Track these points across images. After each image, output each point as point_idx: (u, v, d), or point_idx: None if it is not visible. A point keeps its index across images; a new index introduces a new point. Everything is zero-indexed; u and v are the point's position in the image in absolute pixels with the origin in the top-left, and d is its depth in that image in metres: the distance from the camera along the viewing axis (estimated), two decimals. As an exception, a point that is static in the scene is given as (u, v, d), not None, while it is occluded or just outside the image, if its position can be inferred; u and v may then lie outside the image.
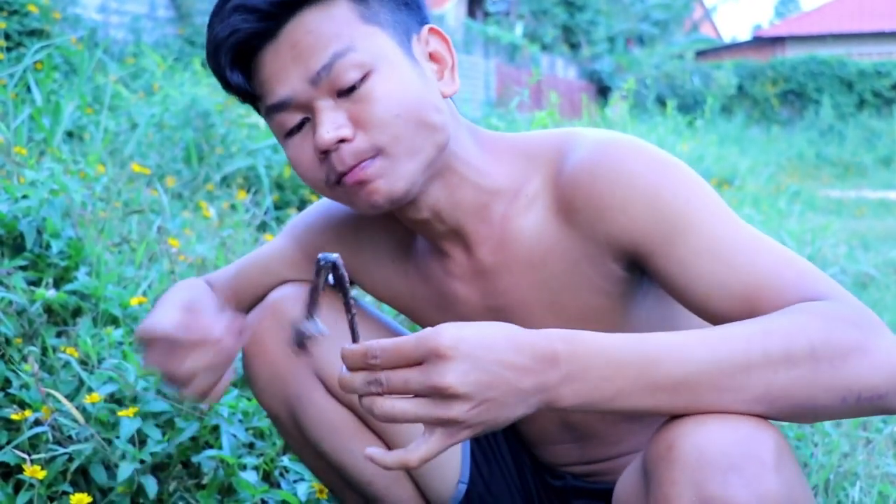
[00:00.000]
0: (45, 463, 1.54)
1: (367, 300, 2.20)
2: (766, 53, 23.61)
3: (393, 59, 1.07)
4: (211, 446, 1.72)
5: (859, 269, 4.51)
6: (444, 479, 1.37)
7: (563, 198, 1.13)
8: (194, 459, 1.66)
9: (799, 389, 0.89)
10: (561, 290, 1.16)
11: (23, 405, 1.66)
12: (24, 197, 2.10)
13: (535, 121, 6.42)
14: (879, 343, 0.91)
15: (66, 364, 1.78)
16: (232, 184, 3.90)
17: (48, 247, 2.06)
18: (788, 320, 0.92)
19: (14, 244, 2.07)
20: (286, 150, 1.12)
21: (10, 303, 1.87)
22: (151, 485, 1.55)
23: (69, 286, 1.95)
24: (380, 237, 1.30)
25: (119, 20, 7.42)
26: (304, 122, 1.09)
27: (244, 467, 1.68)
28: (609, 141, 1.11)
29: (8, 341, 1.82)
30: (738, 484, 0.85)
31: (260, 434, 1.84)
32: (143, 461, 1.58)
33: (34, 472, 1.44)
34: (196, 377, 1.15)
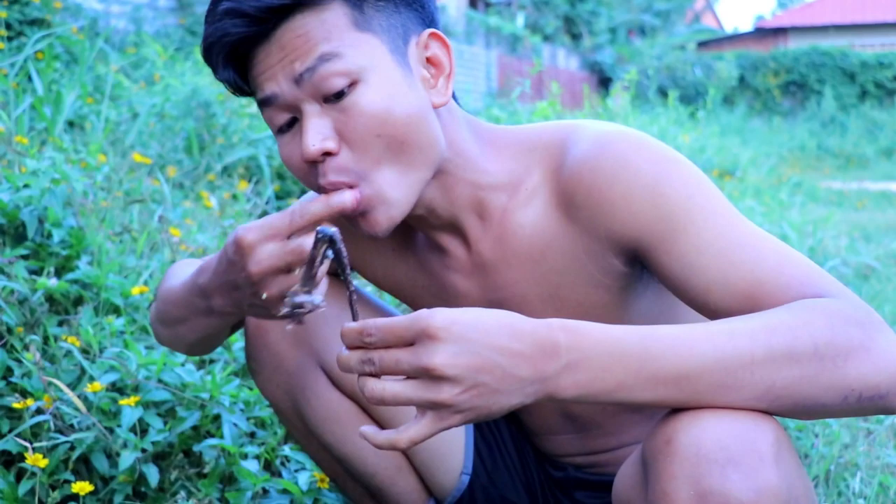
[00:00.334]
0: (47, 451, 1.54)
1: (369, 290, 2.20)
2: (768, 44, 23.58)
3: (382, 69, 1.05)
4: (212, 435, 1.73)
5: (860, 261, 4.51)
6: (447, 471, 1.37)
7: (564, 192, 1.12)
8: (196, 448, 1.66)
9: (801, 388, 0.89)
10: (561, 285, 1.15)
11: (24, 394, 1.66)
12: (26, 186, 2.10)
13: (537, 111, 6.41)
14: (882, 342, 0.91)
15: (68, 353, 1.78)
16: (233, 173, 3.90)
17: (49, 236, 2.06)
18: (792, 317, 0.92)
19: (15, 233, 2.07)
20: (278, 146, 1.11)
21: (12, 292, 1.87)
22: (153, 473, 1.55)
23: (70, 275, 1.96)
24: None
25: (120, 9, 7.41)
26: (294, 121, 1.08)
27: (245, 456, 1.68)
28: (610, 134, 1.09)
29: (10, 330, 1.82)
30: (736, 478, 0.84)
31: (261, 423, 1.84)
32: (144, 450, 1.58)
33: (36, 461, 1.44)
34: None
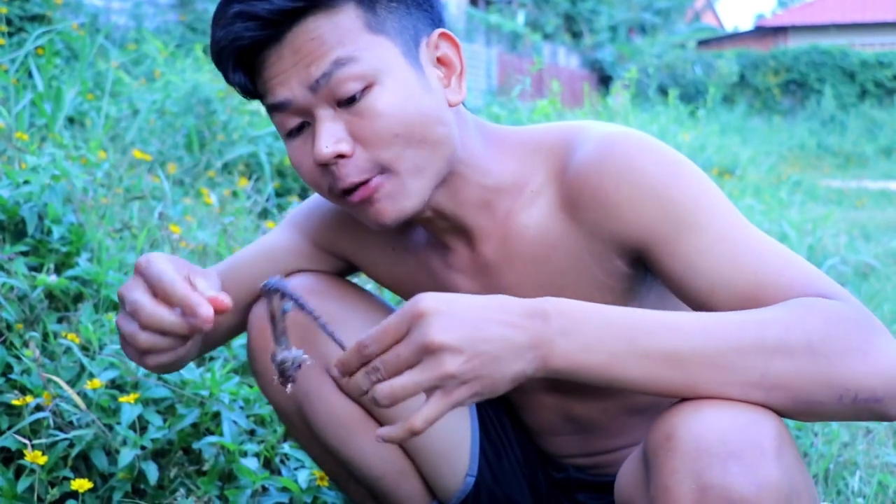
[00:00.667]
0: (46, 448, 1.54)
1: (371, 287, 2.20)
2: (768, 43, 23.57)
3: (397, 71, 1.05)
4: (212, 433, 1.73)
5: (860, 260, 4.51)
6: (452, 473, 1.37)
7: (569, 193, 1.12)
8: (195, 446, 1.66)
9: (795, 381, 0.89)
10: (564, 286, 1.16)
11: (24, 391, 1.66)
12: (26, 182, 2.10)
13: (537, 109, 6.41)
14: (879, 346, 0.91)
15: (68, 350, 1.78)
16: (233, 171, 3.90)
17: (49, 232, 2.05)
18: (787, 312, 0.92)
19: (15, 230, 2.07)
20: (287, 149, 1.11)
21: (12, 288, 1.87)
22: (152, 471, 1.55)
23: (70, 272, 1.95)
24: None
25: (120, 6, 7.40)
26: (305, 125, 1.08)
27: (245, 454, 1.68)
28: (615, 136, 1.10)
29: (9, 327, 1.82)
30: (737, 472, 0.85)
31: (261, 421, 1.84)
32: (143, 447, 1.58)
33: (35, 458, 1.44)
34: (160, 342, 1.02)
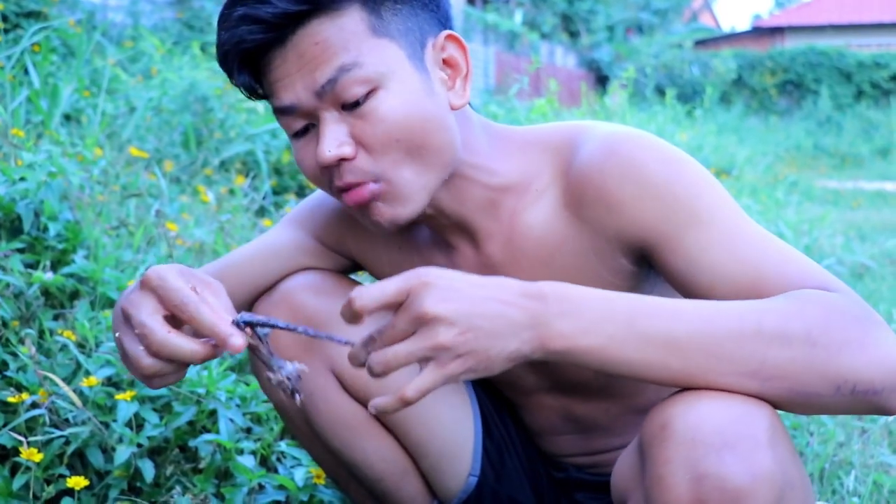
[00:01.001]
0: (42, 446, 1.54)
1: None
2: (765, 43, 23.58)
3: (401, 75, 1.05)
4: (208, 431, 1.73)
5: (855, 260, 4.52)
6: (454, 473, 1.37)
7: (573, 192, 1.13)
8: (191, 444, 1.66)
9: (792, 370, 0.89)
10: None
11: (20, 388, 1.66)
12: (22, 179, 2.10)
13: (535, 109, 6.41)
14: (879, 339, 0.91)
15: (64, 347, 1.78)
16: (230, 168, 3.89)
17: (46, 229, 2.05)
18: (786, 302, 0.93)
19: (11, 227, 2.06)
20: (293, 148, 1.12)
21: (8, 285, 1.86)
22: (148, 469, 1.55)
23: (67, 269, 1.95)
24: None
25: (117, 3, 7.39)
26: (310, 126, 1.09)
27: (241, 452, 1.68)
28: (619, 135, 1.11)
29: (5, 324, 1.82)
30: (732, 461, 0.85)
31: (257, 419, 1.84)
32: (140, 445, 1.58)
33: (31, 455, 1.44)
34: (167, 368, 0.99)
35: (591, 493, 1.39)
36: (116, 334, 1.02)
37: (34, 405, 1.59)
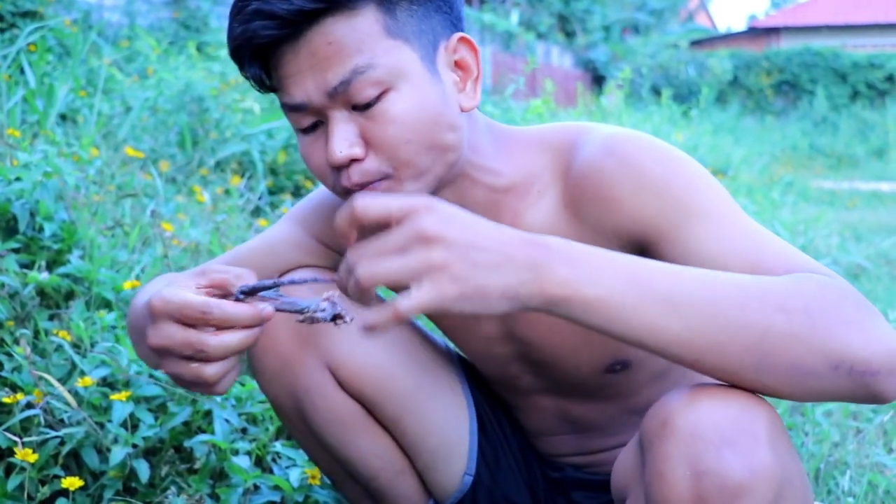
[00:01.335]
0: (37, 446, 1.54)
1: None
2: (760, 44, 23.61)
3: (413, 76, 1.05)
4: (203, 431, 1.72)
5: (851, 260, 4.53)
6: (450, 472, 1.37)
7: (573, 192, 1.14)
8: (187, 444, 1.65)
9: (792, 346, 0.87)
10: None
11: (15, 388, 1.65)
12: (17, 179, 2.10)
13: (531, 109, 6.41)
14: (877, 323, 0.91)
15: (59, 347, 1.78)
16: (226, 168, 3.89)
17: (41, 229, 2.05)
18: (788, 281, 0.92)
19: (7, 226, 2.06)
20: (299, 143, 1.12)
21: (3, 285, 1.86)
22: (143, 469, 1.54)
23: (62, 269, 1.95)
24: None
25: (114, 3, 7.38)
26: (318, 123, 1.08)
27: (237, 452, 1.68)
28: (619, 136, 1.12)
29: (0, 324, 1.81)
30: (731, 458, 0.85)
31: (252, 419, 1.84)
32: (135, 445, 1.58)
33: (25, 456, 1.44)
34: (228, 365, 0.98)
35: (588, 493, 1.39)
36: (163, 371, 0.99)
37: (29, 405, 1.59)
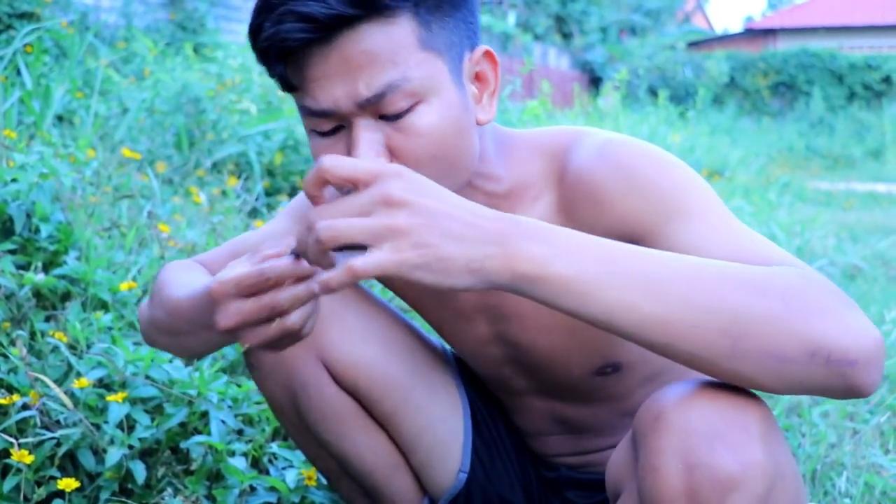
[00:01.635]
0: (33, 447, 1.53)
1: (378, 289, 2.20)
2: (757, 45, 23.63)
3: (443, 90, 1.03)
4: (200, 432, 1.72)
5: (848, 261, 4.53)
6: (444, 469, 1.38)
7: (567, 196, 1.14)
8: (183, 445, 1.65)
9: (768, 330, 0.86)
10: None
11: (10, 389, 1.65)
12: (14, 180, 2.09)
13: (527, 110, 6.42)
14: (856, 315, 0.89)
15: (55, 348, 1.78)
16: (223, 170, 3.89)
17: (37, 231, 2.05)
18: (766, 269, 0.90)
19: (3, 228, 2.06)
20: (312, 143, 1.08)
21: (-1, 287, 1.86)
22: (140, 470, 1.54)
23: (58, 270, 1.95)
24: None
25: (110, 4, 7.38)
26: (339, 128, 1.05)
27: (233, 454, 1.68)
28: (613, 142, 1.12)
29: (-4, 325, 1.81)
30: (723, 451, 0.86)
31: (249, 420, 1.84)
32: (131, 446, 1.57)
33: (21, 457, 1.44)
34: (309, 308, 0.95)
35: (582, 492, 1.39)
36: (245, 346, 0.96)
37: (25, 407, 1.59)
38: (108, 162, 2.99)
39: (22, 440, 1.51)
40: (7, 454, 1.51)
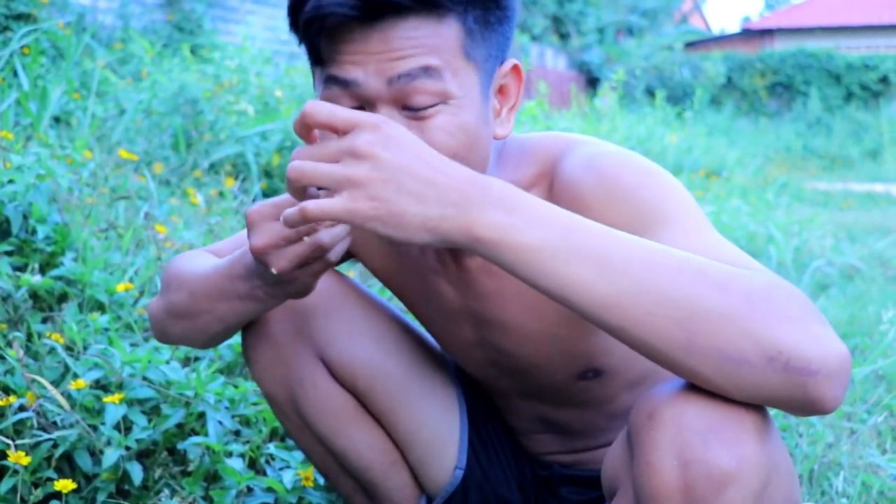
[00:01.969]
0: (30, 449, 1.53)
1: (377, 288, 2.20)
2: (754, 45, 23.65)
3: (470, 101, 1.04)
4: (197, 433, 1.72)
5: (845, 261, 4.53)
6: (441, 466, 1.39)
7: (553, 202, 1.14)
8: (180, 446, 1.65)
9: (725, 326, 0.84)
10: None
11: (7, 391, 1.65)
12: (11, 182, 2.09)
13: (525, 111, 6.42)
14: (821, 325, 0.87)
15: (52, 350, 1.77)
16: (220, 171, 3.89)
17: (34, 232, 2.05)
18: (736, 268, 0.89)
19: (0, 229, 2.06)
20: None
21: (-4, 288, 1.86)
22: (136, 471, 1.54)
23: (55, 272, 1.95)
24: None
25: (107, 5, 7.37)
26: (358, 109, 1.03)
27: (230, 454, 1.68)
28: (600, 153, 1.12)
29: (-7, 327, 1.81)
30: (718, 446, 0.86)
31: (246, 421, 1.84)
32: (128, 448, 1.57)
33: (18, 458, 1.44)
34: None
35: (576, 488, 1.41)
36: (273, 271, 1.01)
37: (22, 408, 1.58)
38: (104, 163, 2.99)
39: (19, 441, 1.51)
40: (4, 455, 1.51)
